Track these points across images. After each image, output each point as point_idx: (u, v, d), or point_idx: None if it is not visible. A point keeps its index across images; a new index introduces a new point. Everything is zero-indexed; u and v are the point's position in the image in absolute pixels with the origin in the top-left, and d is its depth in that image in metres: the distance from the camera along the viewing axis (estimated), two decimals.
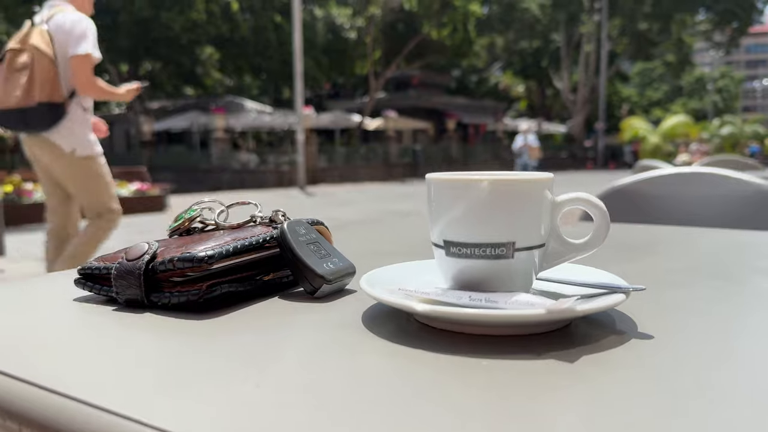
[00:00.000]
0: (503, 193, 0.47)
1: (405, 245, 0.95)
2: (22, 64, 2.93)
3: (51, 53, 2.94)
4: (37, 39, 2.95)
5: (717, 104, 51.97)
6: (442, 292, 0.47)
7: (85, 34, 2.98)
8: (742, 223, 1.49)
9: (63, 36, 2.97)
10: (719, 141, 21.09)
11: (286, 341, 0.46)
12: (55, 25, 2.99)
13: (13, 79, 2.94)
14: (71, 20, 2.99)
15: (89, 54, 2.97)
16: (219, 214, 0.65)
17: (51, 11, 3.05)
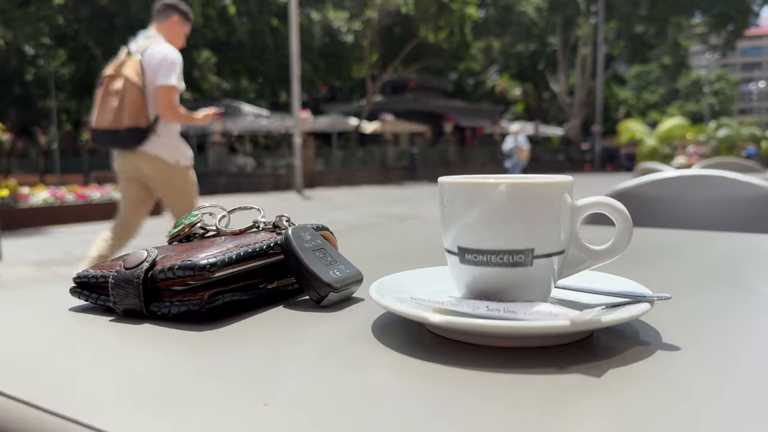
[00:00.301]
0: (521, 198, 0.44)
1: (409, 250, 0.93)
2: (115, 90, 3.29)
3: (140, 83, 3.28)
4: (129, 69, 3.29)
5: (713, 107, 52.09)
6: (456, 301, 0.45)
7: (173, 67, 3.32)
8: (749, 226, 1.47)
9: (153, 67, 3.30)
10: (716, 143, 21.11)
11: (293, 355, 0.44)
12: (148, 56, 3.33)
13: (107, 102, 3.31)
14: (162, 53, 3.32)
15: (174, 86, 3.30)
16: (220, 219, 0.62)
17: (146, 42, 3.41)
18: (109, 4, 20.65)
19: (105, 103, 3.32)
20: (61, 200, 9.10)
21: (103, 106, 3.33)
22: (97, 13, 21.24)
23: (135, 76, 3.28)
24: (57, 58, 24.47)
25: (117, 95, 3.29)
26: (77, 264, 5.60)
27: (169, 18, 3.51)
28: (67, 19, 21.88)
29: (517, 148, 12.90)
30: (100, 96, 3.36)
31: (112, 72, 3.34)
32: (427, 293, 0.49)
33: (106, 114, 3.31)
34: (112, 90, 3.31)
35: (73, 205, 9.18)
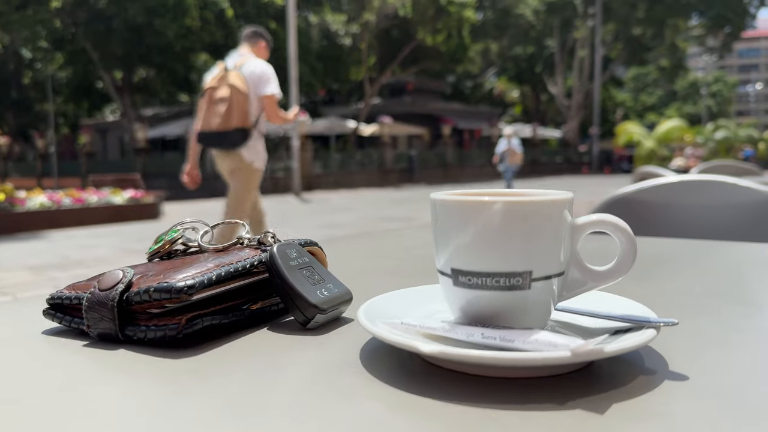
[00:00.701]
0: (519, 216, 0.42)
1: (403, 263, 0.90)
2: (221, 97, 3.81)
3: (246, 91, 3.83)
4: (235, 80, 3.84)
5: (711, 108, 52.14)
6: (450, 327, 0.42)
7: (271, 78, 3.93)
8: (750, 231, 1.44)
9: (254, 79, 3.88)
10: (714, 145, 21.12)
11: (276, 385, 0.41)
12: (247, 70, 3.90)
13: (213, 109, 3.83)
14: (260, 67, 3.94)
15: (275, 94, 3.92)
16: (203, 235, 0.59)
17: (241, 59, 3.98)
18: (106, 7, 20.62)
19: (211, 110, 3.85)
20: (58, 204, 9.07)
21: (210, 112, 3.86)
22: (94, 17, 21.21)
23: (241, 85, 3.82)
24: (54, 62, 24.44)
25: (224, 102, 3.80)
26: (73, 268, 5.57)
27: (258, 43, 4.16)
28: (65, 22, 21.85)
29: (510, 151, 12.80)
30: (205, 104, 3.90)
31: (214, 84, 3.90)
32: (419, 317, 0.47)
33: (214, 118, 3.83)
34: (217, 98, 3.84)
35: (70, 209, 9.15)
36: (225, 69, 3.95)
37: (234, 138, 3.85)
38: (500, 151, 13.03)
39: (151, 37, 21.18)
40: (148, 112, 27.61)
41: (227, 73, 3.90)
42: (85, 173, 18.39)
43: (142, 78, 26.13)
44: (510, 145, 12.81)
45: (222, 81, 3.88)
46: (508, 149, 12.82)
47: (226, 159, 3.99)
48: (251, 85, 3.87)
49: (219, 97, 3.83)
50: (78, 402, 0.39)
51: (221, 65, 4.00)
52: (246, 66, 3.92)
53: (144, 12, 20.29)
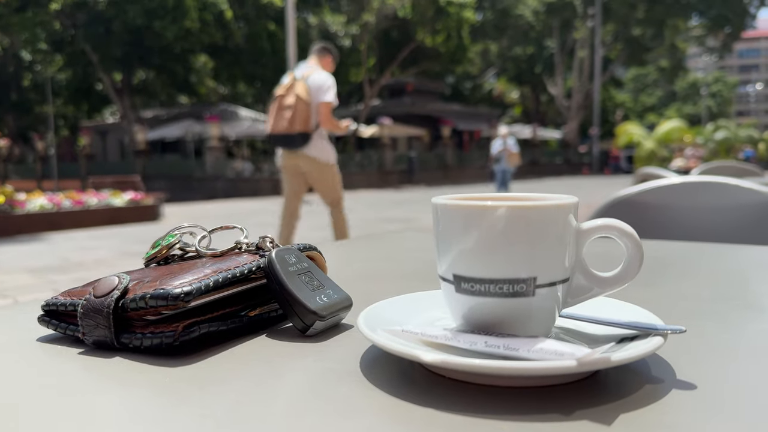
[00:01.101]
0: (522, 222, 0.41)
1: (405, 267, 0.89)
2: (288, 105, 4.36)
3: (308, 100, 4.35)
4: (300, 89, 4.37)
5: (711, 109, 52.14)
6: (452, 334, 0.41)
7: (330, 88, 4.41)
8: (752, 232, 1.43)
9: (316, 89, 4.38)
10: (714, 146, 21.11)
11: (275, 394, 0.40)
12: (312, 81, 4.41)
13: (282, 114, 4.39)
14: (323, 78, 4.43)
15: (331, 102, 4.39)
16: (200, 240, 0.59)
17: (308, 71, 4.48)
18: (105, 9, 20.63)
19: (280, 115, 4.41)
20: (58, 206, 9.06)
21: (279, 117, 4.41)
22: (93, 19, 21.21)
23: (305, 95, 4.35)
24: (54, 64, 24.45)
25: (290, 109, 4.34)
26: (73, 271, 5.56)
27: (326, 57, 4.66)
28: (64, 24, 21.85)
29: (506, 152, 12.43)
30: (275, 109, 4.45)
31: (283, 92, 4.45)
32: (420, 323, 0.46)
33: (282, 122, 4.39)
34: (285, 105, 4.38)
35: (70, 211, 9.14)
36: (294, 79, 4.49)
37: (297, 141, 4.40)
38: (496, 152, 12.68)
39: (151, 38, 21.18)
40: (147, 114, 27.60)
41: (295, 82, 4.44)
42: (85, 175, 18.39)
43: (141, 80, 26.14)
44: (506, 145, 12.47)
45: (290, 90, 4.43)
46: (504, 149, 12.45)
47: (295, 159, 4.54)
48: (313, 94, 4.39)
49: (286, 104, 4.40)
50: (73, 411, 0.38)
51: (291, 75, 4.56)
52: (311, 77, 4.44)
53: (143, 14, 20.29)
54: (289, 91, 4.42)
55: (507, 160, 12.46)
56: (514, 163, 12.57)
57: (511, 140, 12.61)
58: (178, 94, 28.59)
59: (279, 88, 4.54)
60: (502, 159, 12.46)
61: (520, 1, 31.55)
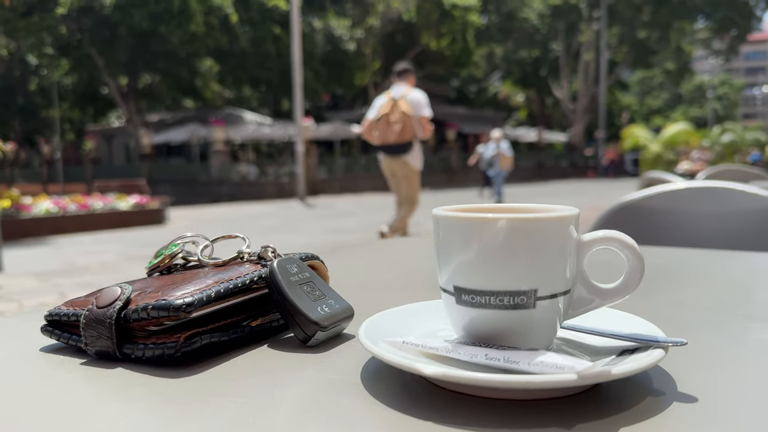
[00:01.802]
0: (524, 234, 0.41)
1: (406, 274, 0.89)
2: (395, 120, 5.35)
3: (411, 115, 5.33)
4: (404, 107, 5.35)
5: (717, 112, 51.98)
6: (452, 347, 0.41)
7: (427, 104, 5.44)
8: (758, 239, 1.43)
9: (416, 105, 5.39)
10: (720, 149, 21.02)
11: (276, 406, 0.40)
12: (411, 99, 5.41)
13: (390, 128, 5.39)
14: (419, 97, 5.46)
15: (429, 116, 5.44)
16: (203, 249, 0.59)
17: (404, 90, 5.46)
18: (111, 13, 20.71)
19: (389, 128, 5.40)
20: (64, 210, 9.09)
21: (388, 130, 5.41)
22: (99, 23, 21.31)
23: (408, 111, 5.35)
24: (60, 68, 24.56)
25: (399, 123, 5.35)
26: (79, 275, 5.58)
27: (410, 76, 5.64)
28: (70, 28, 21.96)
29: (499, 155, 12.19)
30: (384, 124, 5.43)
31: (387, 110, 5.40)
32: (421, 335, 0.46)
33: (391, 135, 5.41)
34: (392, 120, 5.37)
35: (76, 215, 9.17)
36: (392, 98, 5.46)
37: (405, 148, 5.46)
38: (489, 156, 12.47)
39: (156, 43, 21.27)
40: (153, 118, 27.68)
41: (396, 102, 5.42)
42: (91, 179, 18.45)
43: (147, 84, 26.24)
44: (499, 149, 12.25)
45: (394, 108, 5.39)
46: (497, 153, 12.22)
47: (394, 163, 5.59)
48: (414, 110, 5.37)
49: (393, 120, 5.38)
50: (74, 422, 0.38)
51: (388, 95, 5.53)
52: (409, 96, 5.44)
53: (149, 18, 20.37)
54: (393, 109, 5.39)
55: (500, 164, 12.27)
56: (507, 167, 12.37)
57: (505, 144, 12.41)
58: (184, 98, 28.67)
59: (381, 107, 5.50)
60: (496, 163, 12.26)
61: (525, 4, 31.53)
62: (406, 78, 5.61)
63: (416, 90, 5.55)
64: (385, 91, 5.67)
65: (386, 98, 5.48)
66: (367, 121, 5.61)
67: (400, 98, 5.41)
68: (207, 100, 28.75)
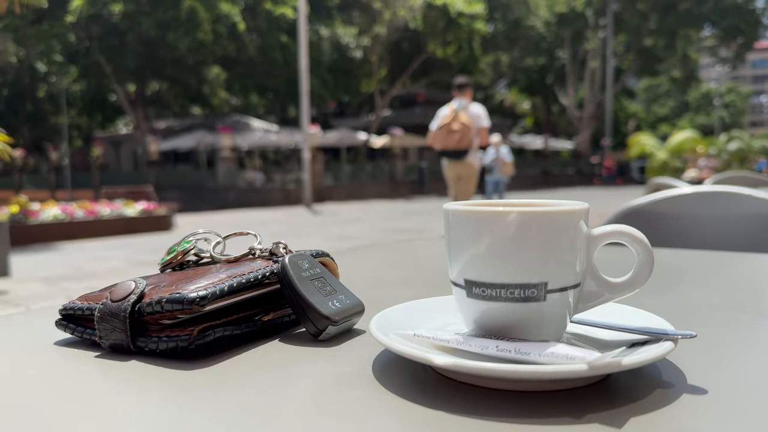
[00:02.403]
0: (534, 227, 0.41)
1: (416, 274, 0.90)
2: (455, 129, 6.22)
3: (470, 125, 6.22)
4: (464, 119, 6.24)
5: (724, 119, 51.82)
6: (463, 339, 0.41)
7: (485, 116, 6.44)
8: (766, 243, 1.43)
9: (474, 116, 6.32)
10: (727, 156, 20.94)
11: (288, 398, 0.40)
12: (471, 111, 6.34)
13: (451, 135, 6.27)
14: (478, 110, 6.42)
15: (487, 126, 6.44)
16: (215, 246, 0.59)
17: (464, 103, 6.36)
18: (120, 21, 20.86)
19: (450, 137, 6.29)
20: (72, 216, 9.13)
21: (449, 138, 6.30)
22: (108, 31, 21.46)
23: (468, 122, 6.25)
24: (68, 75, 24.73)
25: (458, 132, 6.24)
26: (86, 280, 5.60)
27: (468, 91, 6.44)
28: (79, 36, 22.12)
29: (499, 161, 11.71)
30: (444, 133, 6.32)
31: (449, 120, 6.26)
32: (432, 328, 0.46)
33: (452, 141, 6.30)
34: (452, 129, 6.25)
35: (83, 221, 9.21)
36: (454, 110, 6.34)
37: (463, 153, 6.37)
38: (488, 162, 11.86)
39: (164, 50, 21.39)
40: (160, 125, 27.82)
41: (457, 113, 6.30)
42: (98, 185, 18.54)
43: (154, 91, 26.38)
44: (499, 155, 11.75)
45: (455, 119, 6.26)
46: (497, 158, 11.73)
47: (457, 166, 6.52)
48: (473, 121, 6.30)
49: (454, 129, 6.25)
50: (90, 413, 0.38)
51: (451, 107, 6.39)
52: (470, 109, 6.37)
53: (157, 26, 20.51)
54: (454, 120, 6.26)
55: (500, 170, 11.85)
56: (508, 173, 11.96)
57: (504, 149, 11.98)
58: (191, 105, 28.81)
59: (443, 118, 6.35)
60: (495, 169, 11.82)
61: (532, 12, 31.58)
62: (465, 91, 6.42)
63: (476, 103, 6.52)
64: (448, 104, 6.51)
65: (448, 110, 6.38)
66: (432, 132, 6.51)
67: (461, 110, 6.30)
68: (214, 108, 28.87)
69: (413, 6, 23.65)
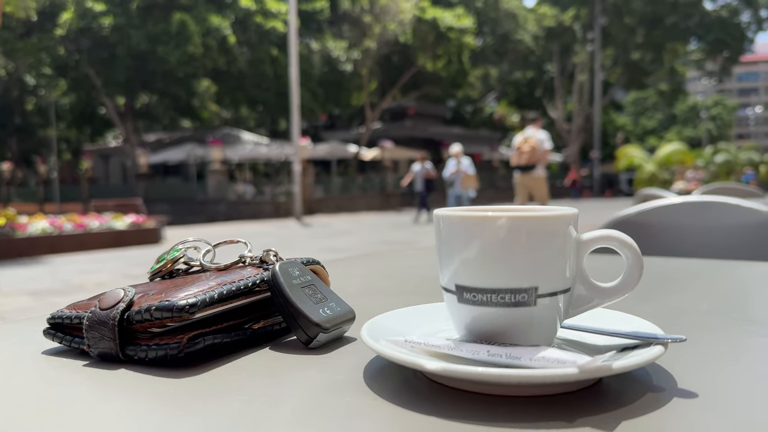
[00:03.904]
0: (524, 232, 0.41)
1: (407, 282, 0.90)
2: (526, 150, 8.13)
3: (536, 147, 8.07)
4: (532, 142, 8.11)
5: (711, 132, 52.33)
6: (454, 344, 0.41)
7: (548, 141, 8.34)
8: (753, 252, 1.44)
9: (540, 141, 8.16)
10: (714, 168, 21.15)
11: (278, 407, 0.40)
12: (537, 137, 8.15)
13: (522, 154, 8.19)
14: (543, 137, 8.28)
15: (549, 149, 8.39)
16: (205, 254, 0.59)
17: (533, 132, 8.29)
18: (109, 34, 20.85)
19: (521, 155, 8.22)
20: (60, 229, 9.07)
21: (519, 156, 8.24)
22: (97, 44, 21.42)
23: (536, 145, 8.10)
24: (57, 88, 24.64)
25: (528, 153, 8.13)
26: (74, 294, 5.55)
27: (538, 123, 8.63)
28: (68, 49, 22.07)
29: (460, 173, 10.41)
30: (517, 153, 8.29)
31: (520, 144, 8.25)
32: (423, 334, 0.46)
33: (522, 159, 8.21)
34: (523, 150, 8.18)
35: (72, 234, 9.15)
36: (525, 136, 8.38)
37: (531, 168, 8.25)
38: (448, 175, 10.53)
39: (154, 63, 21.38)
40: (150, 138, 27.75)
41: (527, 138, 8.30)
42: (87, 198, 18.43)
43: (144, 104, 26.31)
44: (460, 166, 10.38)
45: (526, 142, 8.27)
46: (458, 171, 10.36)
47: (527, 179, 8.35)
48: (539, 144, 8.20)
49: (524, 150, 8.25)
50: (78, 422, 0.38)
51: (522, 134, 8.52)
52: (536, 135, 8.31)
53: (147, 39, 20.50)
54: (525, 143, 8.27)
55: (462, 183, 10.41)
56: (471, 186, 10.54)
57: (466, 160, 10.66)
58: (181, 118, 28.75)
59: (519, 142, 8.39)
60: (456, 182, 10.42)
61: (520, 26, 31.83)
62: (535, 123, 8.67)
63: (541, 131, 8.53)
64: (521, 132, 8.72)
65: (521, 137, 8.45)
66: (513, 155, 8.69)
67: (530, 137, 8.30)
68: (204, 120, 28.84)
69: (403, 20, 23.80)
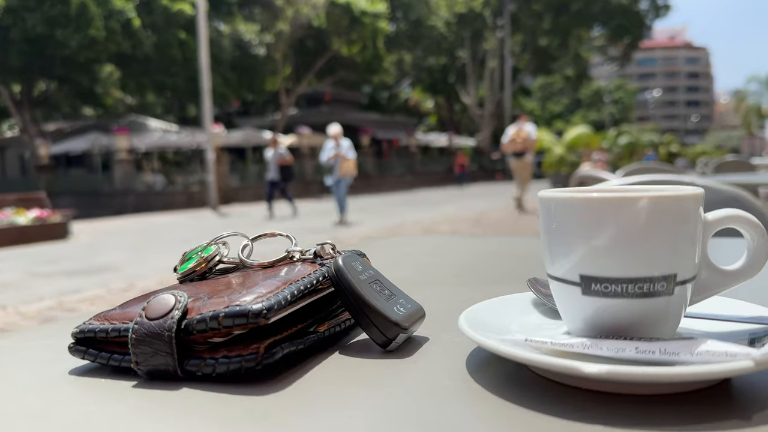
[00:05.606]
0: (665, 213, 0.37)
1: (415, 271, 0.85)
2: (519, 140, 10.46)
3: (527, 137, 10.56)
4: (524, 134, 10.45)
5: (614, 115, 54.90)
6: (590, 343, 0.37)
7: (534, 132, 10.86)
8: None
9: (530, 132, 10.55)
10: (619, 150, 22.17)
11: (386, 419, 0.34)
12: (527, 129, 10.55)
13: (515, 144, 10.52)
14: (532, 129, 10.78)
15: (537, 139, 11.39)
16: (243, 248, 0.52)
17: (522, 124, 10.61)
18: (2, 17, 19.45)
19: (514, 143, 10.46)
20: None
21: (514, 144, 10.48)
22: None
23: (526, 135, 10.40)
24: None
25: (520, 142, 10.39)
26: None
27: (522, 116, 10.79)
28: None
29: (339, 158, 9.35)
30: (513, 142, 10.48)
31: (514, 136, 10.51)
32: (530, 330, 0.42)
33: (517, 146, 10.46)
34: (518, 139, 10.40)
35: None
36: (519, 127, 10.43)
37: (522, 154, 10.43)
38: (325, 159, 9.47)
39: (53, 48, 20.12)
40: (50, 127, 26.17)
41: (520, 129, 10.37)
42: None
43: (42, 91, 24.78)
44: (339, 149, 9.30)
45: (519, 133, 10.34)
46: (337, 155, 9.30)
47: (519, 162, 10.60)
48: (529, 135, 10.31)
49: (518, 140, 10.32)
50: None
51: (515, 127, 10.52)
52: (526, 127, 10.41)
53: (44, 22, 19.26)
54: (519, 134, 10.35)
55: (340, 169, 9.39)
56: (349, 173, 9.53)
57: (346, 143, 9.54)
58: (83, 106, 27.30)
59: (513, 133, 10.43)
60: (336, 167, 9.42)
61: (432, 12, 32.15)
62: (521, 117, 10.67)
63: (529, 123, 10.71)
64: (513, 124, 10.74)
65: (514, 129, 10.48)
66: (504, 143, 10.71)
67: (522, 128, 10.37)
68: (108, 108, 27.51)
69: (316, 4, 23.50)
